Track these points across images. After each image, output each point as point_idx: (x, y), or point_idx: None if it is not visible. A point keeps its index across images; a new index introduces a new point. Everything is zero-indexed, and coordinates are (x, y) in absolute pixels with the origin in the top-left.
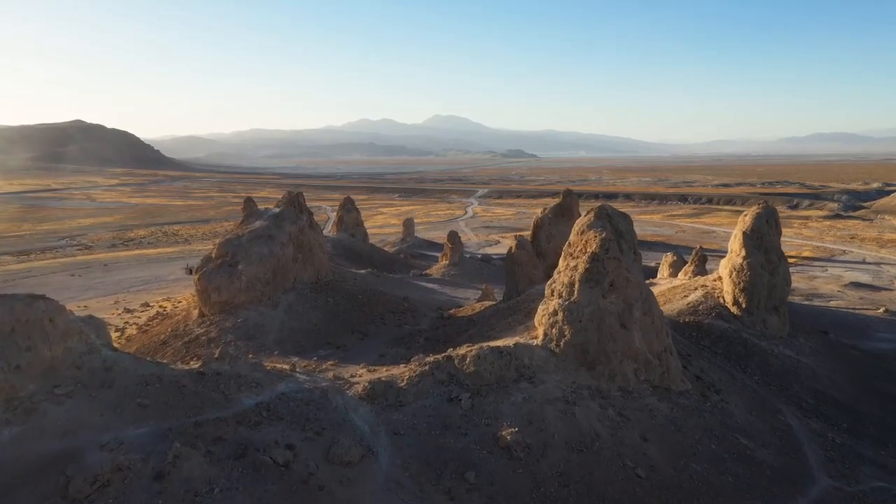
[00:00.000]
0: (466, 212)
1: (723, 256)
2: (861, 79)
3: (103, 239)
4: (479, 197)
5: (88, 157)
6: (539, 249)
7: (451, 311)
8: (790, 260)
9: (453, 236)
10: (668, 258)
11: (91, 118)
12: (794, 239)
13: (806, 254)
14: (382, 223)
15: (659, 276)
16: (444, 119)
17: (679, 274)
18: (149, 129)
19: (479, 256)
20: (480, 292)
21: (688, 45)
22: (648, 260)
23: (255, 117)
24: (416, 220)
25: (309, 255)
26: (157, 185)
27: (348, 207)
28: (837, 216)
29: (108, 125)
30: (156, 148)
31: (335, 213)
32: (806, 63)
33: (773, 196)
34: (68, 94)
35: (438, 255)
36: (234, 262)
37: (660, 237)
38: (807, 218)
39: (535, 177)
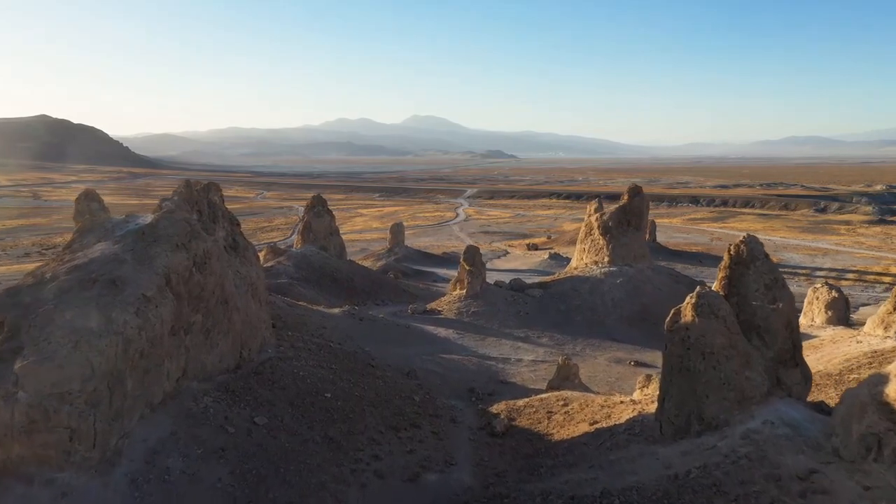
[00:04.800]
0: (458, 214)
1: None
2: (833, 83)
3: (20, 245)
4: (469, 197)
5: (51, 153)
6: (746, 317)
7: (507, 418)
8: (881, 277)
9: (472, 254)
10: (821, 292)
11: (60, 115)
12: (859, 249)
13: (894, 269)
14: (363, 227)
15: (806, 320)
16: (422, 119)
17: (869, 325)
18: (122, 126)
19: (509, 284)
20: (521, 346)
21: (664, 49)
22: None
23: (232, 115)
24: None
25: (221, 316)
26: (118, 182)
27: (318, 210)
28: (882, 221)
29: (82, 122)
30: (125, 145)
31: (302, 218)
32: (780, 67)
33: (796, 198)
34: (36, 90)
35: (435, 269)
36: (9, 352)
37: (697, 246)
38: (848, 223)
39: (520, 177)
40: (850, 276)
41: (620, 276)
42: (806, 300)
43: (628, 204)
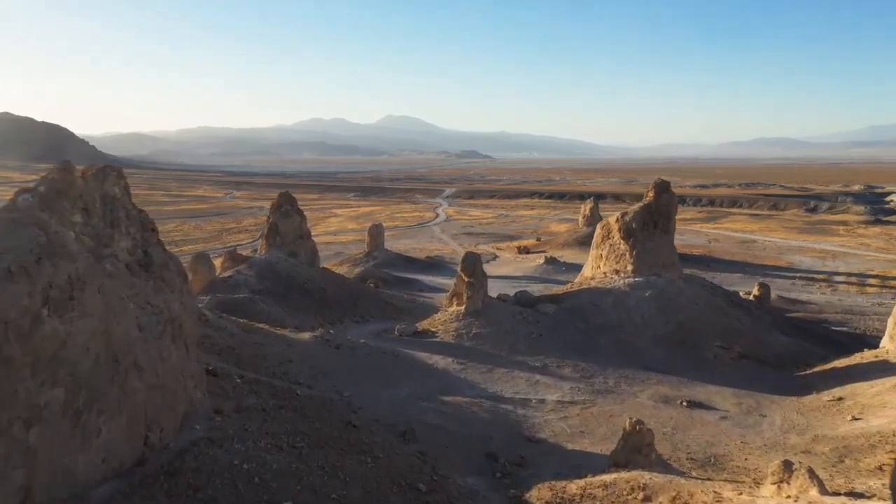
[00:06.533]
0: (438, 214)
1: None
2: (801, 85)
3: None
4: (448, 197)
5: (14, 151)
6: None
7: None
8: None
9: (472, 262)
10: None
11: (23, 112)
12: (868, 252)
13: None
14: (337, 228)
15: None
16: (396, 119)
17: None
18: (89, 125)
19: (515, 297)
20: (539, 380)
21: (637, 51)
22: (742, 285)
23: (203, 114)
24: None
25: (106, 384)
26: None
27: (286, 210)
28: (878, 221)
29: (45, 120)
30: (91, 143)
31: (267, 219)
32: (749, 68)
33: (785, 199)
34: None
35: (419, 276)
36: None
37: (697, 248)
38: (845, 223)
39: (497, 177)
40: (873, 281)
41: (649, 288)
42: (892, 320)
43: (654, 202)
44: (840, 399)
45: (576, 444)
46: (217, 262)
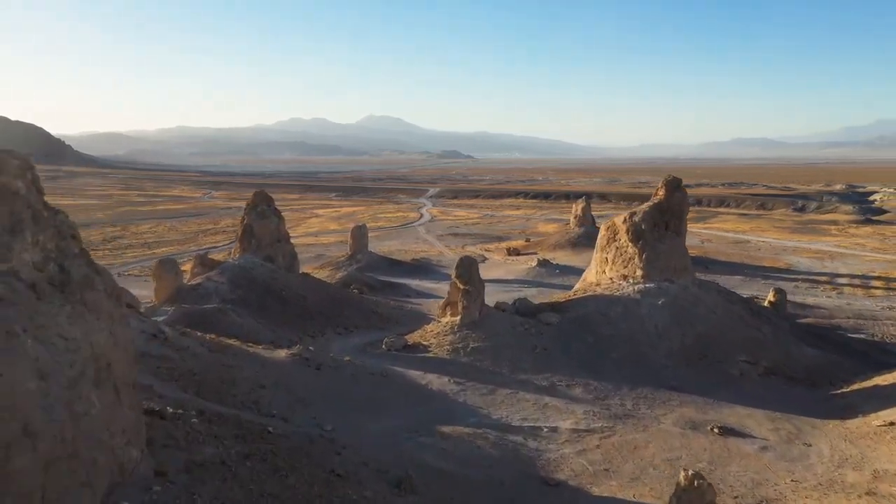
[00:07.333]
0: (422, 214)
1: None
2: (777, 85)
3: None
4: (432, 197)
5: None
6: None
7: None
8: None
9: (467, 267)
10: None
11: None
12: (864, 252)
13: None
14: (319, 229)
15: None
16: (377, 119)
17: None
18: (66, 125)
19: (514, 306)
20: (548, 403)
21: (615, 52)
22: (745, 288)
23: (181, 114)
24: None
25: None
26: (54, 181)
27: (262, 210)
28: (869, 220)
29: (24, 120)
30: (67, 143)
31: (241, 220)
32: (726, 68)
33: (773, 198)
34: None
35: (406, 280)
36: None
37: (692, 249)
38: (835, 223)
39: (479, 177)
40: (877, 283)
41: (662, 296)
42: None
43: (665, 201)
44: (893, 424)
45: (601, 486)
46: (186, 268)
